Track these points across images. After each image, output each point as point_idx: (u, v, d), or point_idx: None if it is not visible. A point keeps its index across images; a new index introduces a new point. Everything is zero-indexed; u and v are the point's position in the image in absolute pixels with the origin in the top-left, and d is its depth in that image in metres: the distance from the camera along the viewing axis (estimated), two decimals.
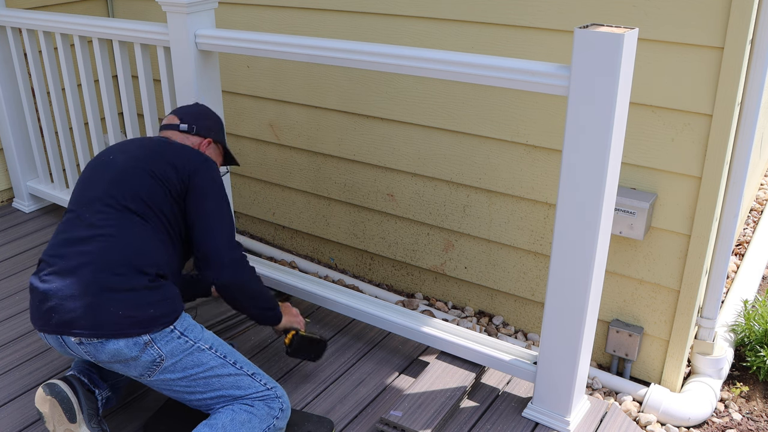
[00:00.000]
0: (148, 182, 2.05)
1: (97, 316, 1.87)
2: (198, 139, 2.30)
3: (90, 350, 1.90)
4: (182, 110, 2.36)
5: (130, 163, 2.10)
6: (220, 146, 2.38)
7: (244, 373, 2.00)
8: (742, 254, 3.53)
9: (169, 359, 1.92)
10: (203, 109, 2.39)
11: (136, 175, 2.07)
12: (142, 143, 2.19)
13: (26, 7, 3.46)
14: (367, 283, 3.32)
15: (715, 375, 2.62)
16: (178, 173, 2.09)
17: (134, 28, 2.74)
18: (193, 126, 2.31)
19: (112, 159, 2.14)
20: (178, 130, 2.29)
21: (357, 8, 2.86)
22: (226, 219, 2.13)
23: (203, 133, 2.32)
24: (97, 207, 2.02)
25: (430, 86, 2.79)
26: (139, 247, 1.97)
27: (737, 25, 2.10)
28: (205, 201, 2.10)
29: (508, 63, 1.92)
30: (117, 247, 1.95)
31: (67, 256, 1.95)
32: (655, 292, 2.53)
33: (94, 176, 2.12)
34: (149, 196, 2.04)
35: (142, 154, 2.13)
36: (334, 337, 2.68)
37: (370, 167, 3.09)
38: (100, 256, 1.93)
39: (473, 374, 2.36)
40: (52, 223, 3.54)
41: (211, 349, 1.99)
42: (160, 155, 2.12)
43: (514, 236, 2.80)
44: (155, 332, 1.90)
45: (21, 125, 3.51)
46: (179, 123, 2.31)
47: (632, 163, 2.42)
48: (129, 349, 1.88)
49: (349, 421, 2.26)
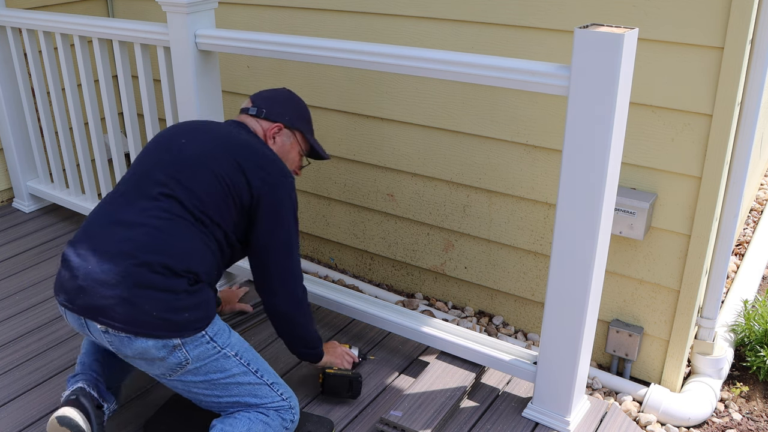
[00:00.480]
0: (213, 185, 1.95)
1: (130, 312, 1.81)
2: (268, 124, 2.18)
3: (114, 342, 1.86)
4: (259, 93, 2.26)
5: (199, 157, 1.98)
6: (298, 134, 2.25)
7: (264, 382, 1.98)
8: (742, 254, 3.53)
9: (194, 363, 1.88)
10: (281, 93, 2.26)
11: (200, 172, 1.96)
12: (219, 134, 2.06)
13: (26, 7, 3.46)
14: (367, 283, 3.32)
15: (715, 375, 2.62)
16: (250, 186, 1.98)
17: (134, 28, 2.74)
18: (262, 110, 2.18)
19: (184, 143, 2.02)
20: (248, 113, 2.19)
21: (357, 8, 2.86)
22: (295, 247, 2.06)
23: (273, 117, 2.18)
24: (152, 191, 1.93)
25: (430, 86, 2.79)
26: (184, 250, 1.89)
27: (737, 25, 2.10)
28: (277, 228, 2.01)
29: (508, 63, 1.92)
30: (162, 244, 1.87)
31: (109, 237, 1.88)
32: (655, 292, 2.53)
33: (160, 155, 2.01)
34: (209, 199, 1.94)
35: (215, 150, 2.00)
36: (334, 337, 2.68)
37: (370, 167, 3.09)
38: (143, 248, 1.85)
39: (473, 374, 2.35)
40: (52, 223, 3.55)
41: (237, 356, 1.95)
42: (234, 156, 1.99)
43: (514, 236, 2.80)
44: (186, 336, 1.85)
45: (21, 125, 3.51)
46: (250, 107, 2.21)
47: (632, 163, 2.42)
48: (157, 349, 1.84)
49: (349, 421, 2.26)
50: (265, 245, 2.03)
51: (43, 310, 2.83)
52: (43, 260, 3.20)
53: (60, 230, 3.47)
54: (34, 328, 2.72)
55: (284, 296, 2.09)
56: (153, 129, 2.96)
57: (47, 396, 2.36)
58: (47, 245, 3.33)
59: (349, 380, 2.29)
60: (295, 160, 2.27)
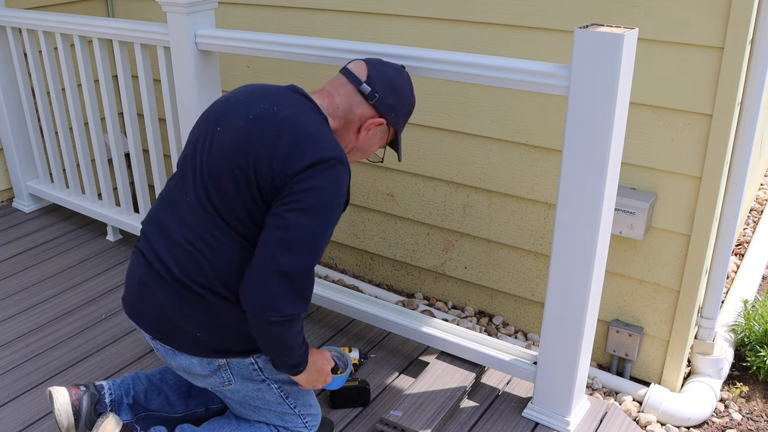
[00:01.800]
0: (241, 185, 1.70)
1: (174, 333, 1.78)
2: (372, 112, 1.82)
3: (160, 350, 1.85)
4: (377, 67, 1.85)
5: (227, 155, 1.72)
6: (392, 131, 1.91)
7: (295, 413, 1.97)
8: (742, 254, 3.53)
9: (237, 384, 1.87)
10: (400, 81, 1.87)
11: (226, 173, 1.72)
12: (256, 118, 1.73)
13: (26, 7, 3.46)
14: (367, 283, 3.32)
15: (715, 375, 2.62)
16: (273, 172, 1.67)
17: (134, 28, 2.74)
18: (376, 94, 1.81)
19: (219, 130, 1.76)
20: (358, 88, 1.81)
21: (357, 8, 2.86)
22: (317, 245, 1.69)
23: (382, 109, 1.82)
24: (192, 199, 1.77)
25: (430, 86, 2.79)
26: (225, 267, 1.73)
27: (737, 25, 2.10)
28: (296, 212, 1.66)
29: (508, 63, 1.92)
30: (205, 261, 1.74)
31: (155, 249, 1.80)
32: (655, 292, 2.53)
33: (199, 150, 1.79)
34: (241, 205, 1.72)
35: (244, 137, 1.71)
36: (334, 337, 2.68)
37: (371, 167, 3.09)
38: (184, 267, 1.75)
39: (473, 374, 2.35)
40: (52, 223, 3.55)
41: (279, 389, 1.92)
42: (263, 144, 1.69)
43: (514, 236, 2.80)
44: (232, 359, 1.81)
45: (21, 125, 3.51)
46: (364, 81, 1.82)
47: (632, 163, 2.42)
48: (201, 367, 1.82)
49: (349, 421, 2.26)
50: (280, 225, 1.66)
51: (43, 310, 2.83)
52: (43, 260, 3.20)
53: (60, 230, 3.47)
54: (34, 328, 2.72)
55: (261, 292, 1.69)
56: (153, 129, 2.96)
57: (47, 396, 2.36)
58: (47, 245, 3.33)
59: (358, 390, 2.30)
60: (370, 151, 1.94)
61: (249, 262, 1.72)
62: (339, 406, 2.30)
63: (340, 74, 1.88)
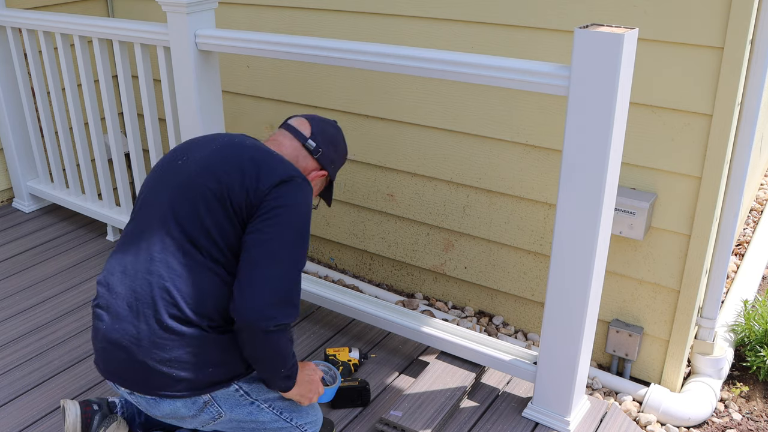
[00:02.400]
0: (211, 202, 1.74)
1: (148, 378, 1.71)
2: (315, 165, 1.98)
3: (142, 403, 1.79)
4: (319, 125, 2.01)
5: (196, 175, 1.77)
6: (328, 181, 2.08)
7: (294, 426, 1.94)
8: (742, 254, 3.53)
9: (227, 415, 1.82)
10: (339, 138, 2.06)
11: (198, 194, 1.75)
12: (222, 145, 1.84)
13: (26, 7, 3.46)
14: (367, 283, 3.32)
15: (715, 375, 2.62)
16: (247, 191, 1.74)
17: (134, 28, 2.74)
18: (320, 149, 1.97)
19: (180, 165, 1.82)
20: (303, 143, 1.95)
21: (357, 8, 2.86)
22: (287, 259, 1.74)
23: (324, 162, 1.99)
24: (156, 229, 1.76)
25: (430, 86, 2.79)
26: (196, 295, 1.71)
27: (737, 25, 2.10)
28: (271, 230, 1.72)
29: (508, 63, 1.92)
30: (170, 293, 1.71)
31: (117, 291, 1.76)
32: (655, 292, 2.53)
33: (160, 184, 1.82)
34: (214, 225, 1.73)
35: (213, 162, 1.78)
36: (334, 337, 2.68)
37: (370, 167, 3.09)
38: (151, 302, 1.71)
39: (473, 374, 2.35)
40: (52, 222, 3.55)
41: (270, 407, 1.88)
42: (232, 167, 1.77)
43: (514, 236, 2.80)
44: (216, 391, 1.77)
45: (21, 125, 3.51)
46: (309, 137, 1.97)
47: (632, 163, 2.42)
48: (187, 408, 1.76)
49: (349, 421, 2.26)
50: (254, 244, 1.73)
51: (43, 310, 2.84)
52: (43, 260, 3.20)
53: (60, 230, 3.47)
54: (34, 328, 2.72)
55: (259, 304, 1.72)
56: (153, 129, 2.96)
57: (47, 396, 2.36)
58: (47, 245, 3.33)
59: (358, 390, 2.30)
60: None
61: (220, 286, 1.73)
62: (339, 406, 2.30)
63: (283, 129, 2.00)
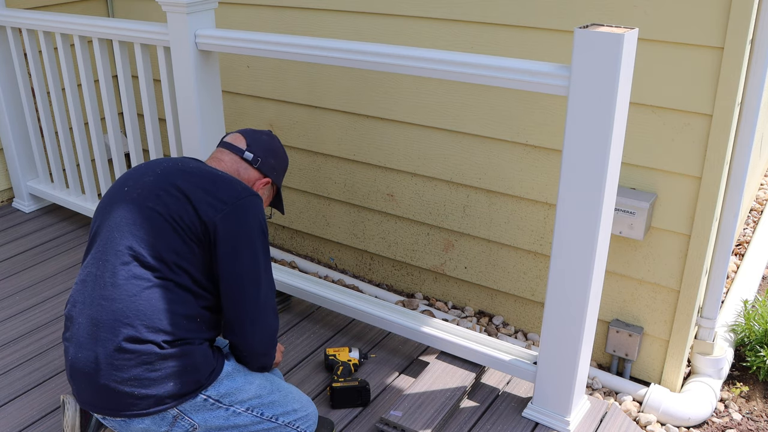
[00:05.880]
0: (159, 223, 1.76)
1: (113, 400, 1.72)
2: (257, 174, 2.02)
3: (115, 426, 1.79)
4: (253, 136, 2.05)
5: (143, 199, 1.80)
6: (275, 189, 2.13)
7: (280, 424, 1.91)
8: (742, 254, 3.53)
9: (202, 426, 1.80)
10: (275, 144, 2.10)
11: (144, 213, 1.78)
12: (166, 169, 1.87)
13: (26, 7, 3.46)
14: (367, 283, 3.32)
15: (715, 375, 2.62)
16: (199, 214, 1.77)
17: (134, 28, 2.74)
18: (259, 158, 2.01)
19: (126, 191, 1.83)
20: (241, 156, 1.99)
21: (357, 8, 2.86)
22: (264, 281, 1.85)
23: (265, 170, 2.03)
24: (109, 256, 1.77)
25: (430, 86, 2.79)
26: (151, 313, 1.72)
27: (737, 25, 2.10)
28: (239, 257, 1.79)
29: (508, 63, 1.92)
30: (125, 315, 1.71)
31: (78, 321, 1.77)
32: (655, 292, 2.53)
33: (109, 213, 1.83)
34: (166, 247, 1.75)
35: (159, 186, 1.81)
36: (334, 337, 2.68)
37: (370, 167, 3.09)
38: (109, 327, 1.71)
39: (473, 374, 2.36)
40: (52, 222, 3.55)
41: (248, 410, 1.86)
42: (174, 183, 1.81)
43: (514, 236, 2.80)
44: (183, 404, 1.75)
45: (21, 125, 3.51)
46: (245, 149, 2.01)
47: (632, 163, 2.42)
48: (157, 425, 1.74)
49: (349, 421, 2.26)
50: (227, 278, 1.80)
51: (43, 310, 2.84)
52: (43, 260, 3.20)
53: (60, 230, 3.47)
54: (34, 328, 2.72)
55: (261, 338, 1.88)
56: (153, 129, 2.96)
57: (47, 396, 2.36)
58: (47, 245, 3.33)
59: (358, 390, 2.30)
60: None
61: (175, 302, 1.75)
62: (339, 406, 2.30)
63: (220, 147, 2.04)
